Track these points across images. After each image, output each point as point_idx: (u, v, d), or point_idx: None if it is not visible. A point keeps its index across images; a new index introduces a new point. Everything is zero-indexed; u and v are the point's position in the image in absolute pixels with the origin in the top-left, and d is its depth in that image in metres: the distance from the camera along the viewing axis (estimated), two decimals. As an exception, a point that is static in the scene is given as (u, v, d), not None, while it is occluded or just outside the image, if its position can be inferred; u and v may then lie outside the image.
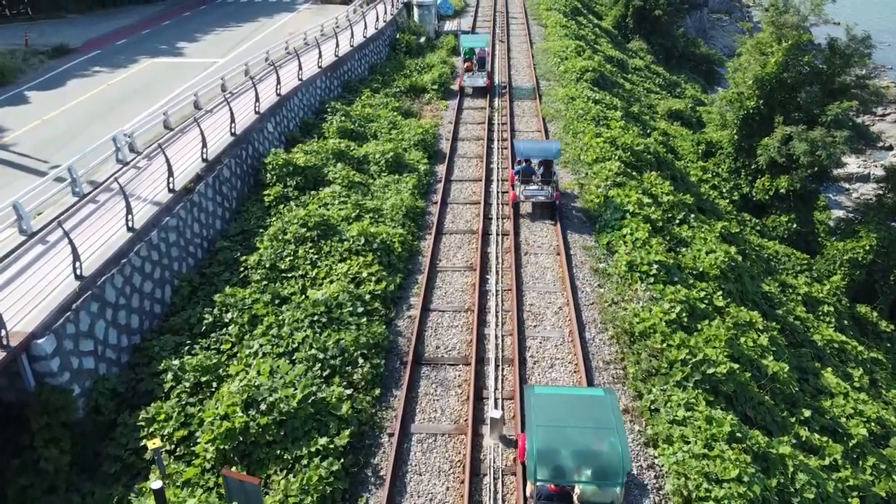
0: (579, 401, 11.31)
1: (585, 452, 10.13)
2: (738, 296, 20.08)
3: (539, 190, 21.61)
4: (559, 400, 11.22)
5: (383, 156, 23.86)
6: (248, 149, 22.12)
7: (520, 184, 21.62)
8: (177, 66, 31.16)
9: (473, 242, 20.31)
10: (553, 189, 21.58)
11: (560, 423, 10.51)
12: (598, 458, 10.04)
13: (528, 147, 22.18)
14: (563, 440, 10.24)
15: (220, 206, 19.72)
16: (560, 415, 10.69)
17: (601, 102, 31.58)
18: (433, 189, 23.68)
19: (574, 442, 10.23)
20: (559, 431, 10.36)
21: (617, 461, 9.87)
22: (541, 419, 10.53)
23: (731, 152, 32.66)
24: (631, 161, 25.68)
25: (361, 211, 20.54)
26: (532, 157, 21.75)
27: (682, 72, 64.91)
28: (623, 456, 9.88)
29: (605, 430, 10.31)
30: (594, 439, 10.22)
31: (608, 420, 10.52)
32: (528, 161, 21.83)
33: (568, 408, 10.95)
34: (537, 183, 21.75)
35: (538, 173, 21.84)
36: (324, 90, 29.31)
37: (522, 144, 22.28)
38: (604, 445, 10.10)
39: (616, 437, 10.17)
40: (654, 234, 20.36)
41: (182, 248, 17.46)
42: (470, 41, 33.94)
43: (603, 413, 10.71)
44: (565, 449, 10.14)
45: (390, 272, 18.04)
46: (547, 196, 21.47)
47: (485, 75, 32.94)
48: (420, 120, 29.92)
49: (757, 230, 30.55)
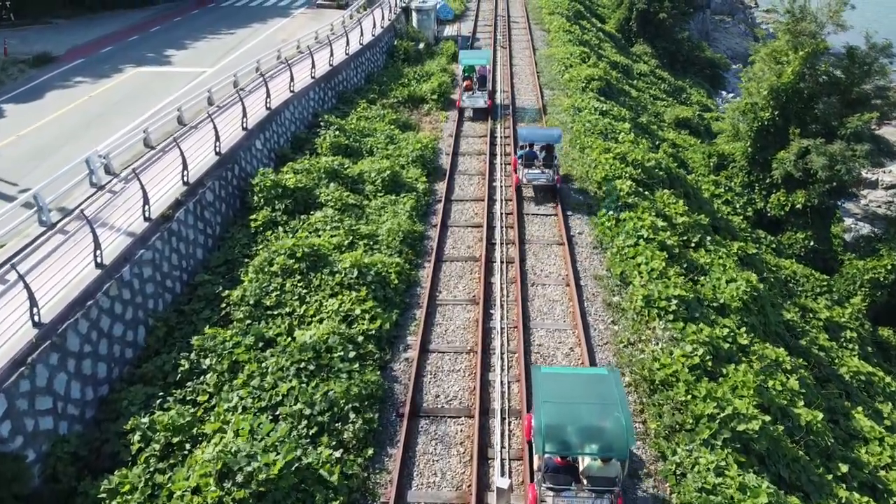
0: (584, 379, 11.95)
1: (591, 427, 10.59)
2: (760, 329, 18.64)
3: (541, 174, 22.48)
4: (565, 378, 11.84)
5: (379, 174, 22.38)
6: (233, 169, 20.65)
7: (522, 168, 22.54)
8: (163, 76, 29.69)
9: (476, 271, 18.85)
10: (554, 173, 22.56)
11: (566, 399, 11.01)
12: (604, 432, 10.51)
13: (531, 133, 23.59)
14: (570, 415, 10.72)
15: (201, 233, 18.25)
16: (566, 392, 11.22)
17: (609, 114, 30.12)
18: (432, 210, 22.21)
19: (580, 417, 10.71)
20: (565, 407, 10.84)
21: (621, 435, 10.36)
22: (547, 396, 11.04)
23: (745, 165, 31.22)
24: (642, 178, 24.23)
25: (355, 237, 19.08)
26: (534, 141, 22.95)
27: (687, 76, 63.55)
28: (627, 430, 10.38)
29: (610, 406, 10.80)
30: (599, 414, 10.71)
31: (612, 397, 11.03)
32: (530, 146, 22.95)
33: (573, 385, 11.52)
34: (539, 167, 22.56)
35: (540, 157, 22.76)
36: (317, 102, 27.84)
37: (525, 130, 23.61)
38: (609, 420, 10.58)
39: (620, 412, 10.65)
40: (670, 262, 18.93)
41: (158, 283, 15.99)
42: (470, 58, 30.79)
43: (607, 390, 11.23)
44: (572, 423, 10.61)
45: (386, 308, 16.57)
46: (548, 179, 22.45)
47: (486, 94, 29.98)
48: (419, 133, 28.45)
49: (772, 248, 29.11)
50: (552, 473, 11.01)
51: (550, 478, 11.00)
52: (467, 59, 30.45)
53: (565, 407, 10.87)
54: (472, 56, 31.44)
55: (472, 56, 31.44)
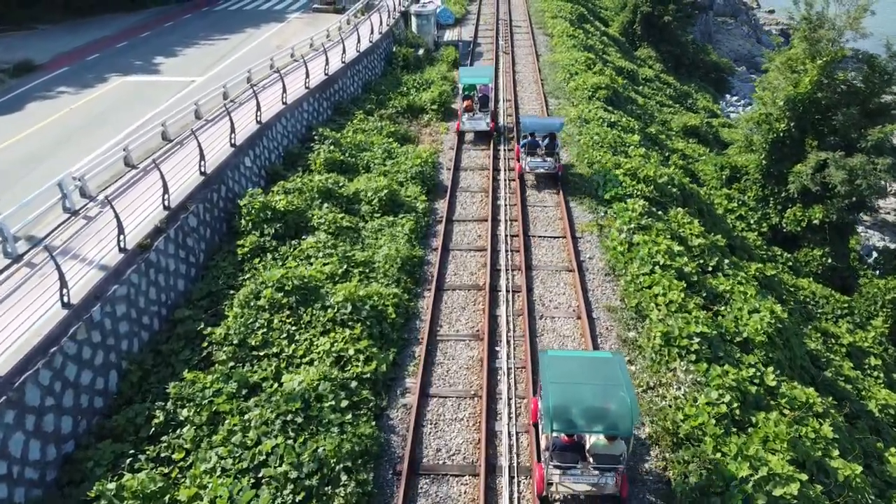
0: (590, 361, 12.14)
1: (597, 406, 10.84)
2: (786, 364, 17.30)
3: (542, 162, 23.31)
4: (571, 361, 12.10)
5: (376, 194, 21.03)
6: (220, 190, 19.30)
7: (525, 156, 23.42)
8: (150, 86, 28.34)
9: (480, 301, 17.50)
10: (556, 161, 23.37)
11: (573, 380, 11.26)
12: (609, 411, 10.75)
13: (533, 122, 24.41)
14: (577, 395, 10.95)
15: (183, 262, 16.90)
16: (573, 373, 11.46)
17: (617, 125, 28.78)
18: (433, 231, 20.87)
19: (586, 397, 10.96)
20: (572, 388, 11.07)
21: (626, 414, 10.60)
22: (555, 377, 11.30)
23: (759, 178, 29.87)
24: (654, 196, 22.90)
25: (350, 265, 17.74)
26: (536, 130, 23.80)
27: (692, 80, 62.31)
28: (632, 410, 10.63)
29: (615, 387, 11.05)
30: (605, 395, 10.96)
31: (617, 378, 11.30)
32: (532, 135, 23.74)
33: (580, 367, 11.75)
34: (541, 155, 23.39)
35: (542, 146, 23.59)
36: (311, 114, 26.49)
37: (528, 120, 24.66)
38: (614, 400, 10.82)
39: (625, 392, 10.91)
40: (688, 291, 17.59)
41: (133, 321, 14.64)
42: (470, 76, 27.77)
43: (612, 372, 11.48)
44: (578, 403, 10.85)
45: (383, 345, 15.24)
46: (550, 167, 23.32)
47: (488, 116, 27.08)
48: (418, 146, 27.11)
49: (789, 266, 27.76)
50: (559, 452, 11.31)
51: (557, 456, 11.29)
52: (468, 78, 27.52)
53: (572, 387, 11.12)
54: (473, 74, 28.45)
55: (473, 74, 28.45)
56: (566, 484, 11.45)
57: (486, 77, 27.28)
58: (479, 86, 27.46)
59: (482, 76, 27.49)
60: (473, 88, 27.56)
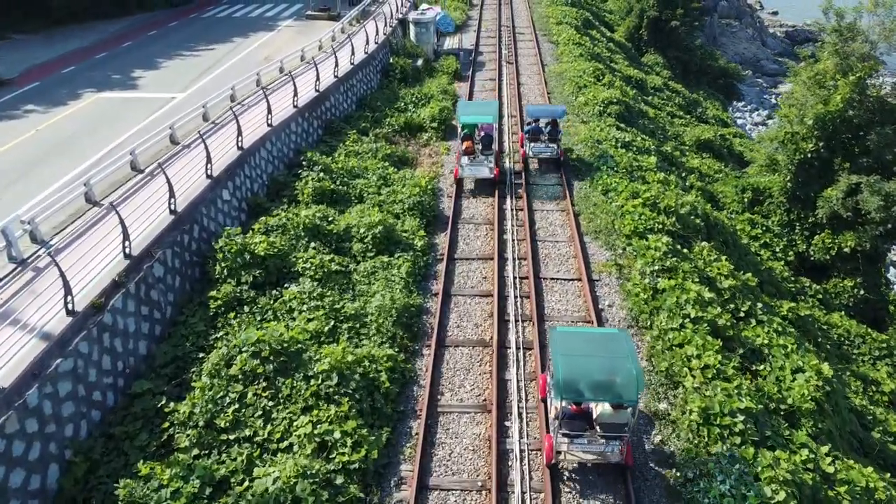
0: (597, 337, 12.77)
1: (604, 376, 11.36)
2: (836, 434, 15.16)
3: (546, 147, 24.16)
4: (580, 336, 12.79)
5: (370, 230, 18.85)
6: (192, 230, 17.12)
7: (529, 142, 24.24)
8: (126, 104, 26.15)
9: (486, 361, 15.34)
10: (558, 147, 24.16)
11: (581, 353, 11.81)
12: (615, 380, 11.26)
13: (536, 109, 25.11)
14: (585, 366, 11.50)
15: (146, 319, 14.72)
16: (581, 347, 12.02)
17: (631, 146, 26.62)
18: (433, 272, 18.71)
19: (593, 368, 11.49)
20: (580, 359, 11.63)
21: (632, 383, 11.14)
22: (564, 350, 11.79)
23: (783, 202, 27.72)
24: (677, 230, 20.75)
25: (338, 320, 15.56)
26: (540, 117, 24.43)
27: (700, 87, 60.28)
28: (637, 379, 11.16)
29: (622, 359, 11.59)
30: (611, 365, 11.50)
31: (623, 352, 11.83)
32: (536, 121, 24.44)
33: (588, 342, 12.33)
34: (544, 141, 24.20)
35: (545, 132, 24.29)
36: (300, 135, 24.30)
37: (531, 107, 25.44)
38: (620, 370, 11.36)
39: (631, 364, 11.44)
40: (724, 350, 15.43)
41: (81, 399, 12.47)
42: (470, 113, 23.30)
43: (619, 346, 12.01)
44: (586, 373, 11.38)
45: (374, 423, 13.10)
46: (552, 153, 24.18)
47: (492, 159, 22.92)
48: (416, 170, 24.95)
49: (818, 299, 25.61)
50: (568, 420, 11.81)
51: (566, 424, 11.81)
52: (468, 116, 23.11)
53: (580, 359, 11.67)
54: (474, 110, 23.91)
55: (474, 110, 23.91)
56: (574, 452, 12.00)
57: (489, 115, 23.03)
58: (482, 124, 23.46)
59: (485, 114, 23.20)
60: (475, 128, 23.66)
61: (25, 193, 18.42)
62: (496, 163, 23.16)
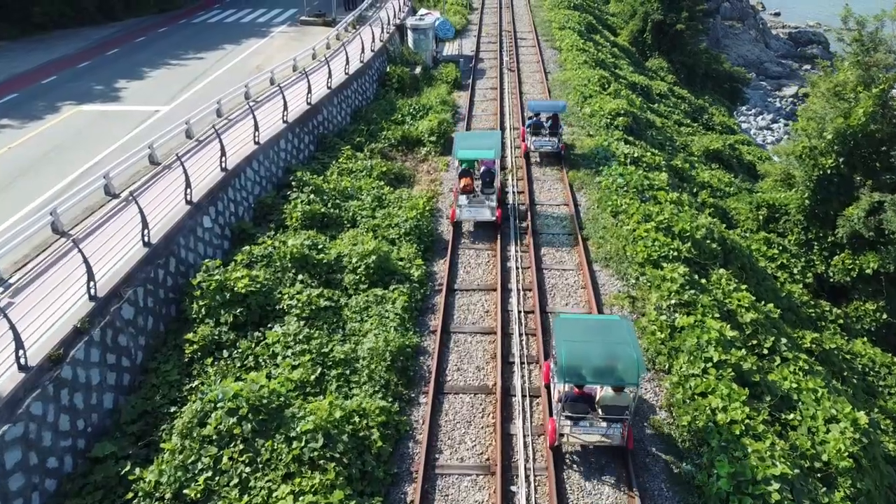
0: (600, 323, 13.21)
1: (606, 360, 11.84)
2: (875, 492, 13.76)
3: (547, 141, 24.77)
4: (582, 322, 13.31)
5: (363, 260, 17.42)
6: (168, 263, 15.70)
7: (530, 136, 24.82)
8: (108, 118, 24.73)
9: (489, 411, 13.93)
10: (559, 141, 24.79)
11: (584, 338, 12.29)
12: (617, 364, 11.77)
13: (538, 104, 25.73)
14: (587, 351, 11.98)
15: (113, 368, 13.30)
16: (584, 333, 12.51)
17: (641, 161, 25.20)
18: (430, 305, 17.29)
19: (596, 352, 11.96)
20: (583, 344, 12.10)
21: (633, 367, 11.65)
22: (567, 336, 12.26)
23: (801, 220, 26.29)
24: (693, 256, 19.34)
25: (326, 366, 14.15)
26: (541, 111, 25.15)
27: (706, 92, 58.93)
28: (638, 362, 11.68)
29: (623, 345, 12.07)
30: (613, 350, 11.97)
31: (624, 337, 12.31)
32: (537, 115, 25.23)
33: (590, 328, 12.80)
34: (545, 135, 24.78)
35: (546, 126, 24.93)
36: (290, 153, 22.88)
37: (533, 102, 26.04)
38: (621, 355, 11.85)
39: (632, 349, 11.94)
40: (750, 398, 14.03)
41: (33, 469, 11.05)
42: (469, 146, 20.53)
43: (620, 332, 12.48)
44: (589, 357, 11.87)
45: (365, 490, 11.68)
46: (553, 146, 24.78)
47: (494, 199, 20.12)
48: (414, 188, 23.56)
49: (839, 324, 24.19)
50: (571, 402, 12.11)
51: (569, 406, 12.10)
52: (466, 151, 20.26)
53: (583, 344, 12.07)
54: (474, 144, 20.76)
55: (474, 144, 20.76)
56: (577, 435, 12.26)
57: (490, 149, 20.29)
58: (482, 160, 20.73)
59: (486, 148, 20.34)
60: (473, 165, 20.98)
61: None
62: (499, 202, 20.53)
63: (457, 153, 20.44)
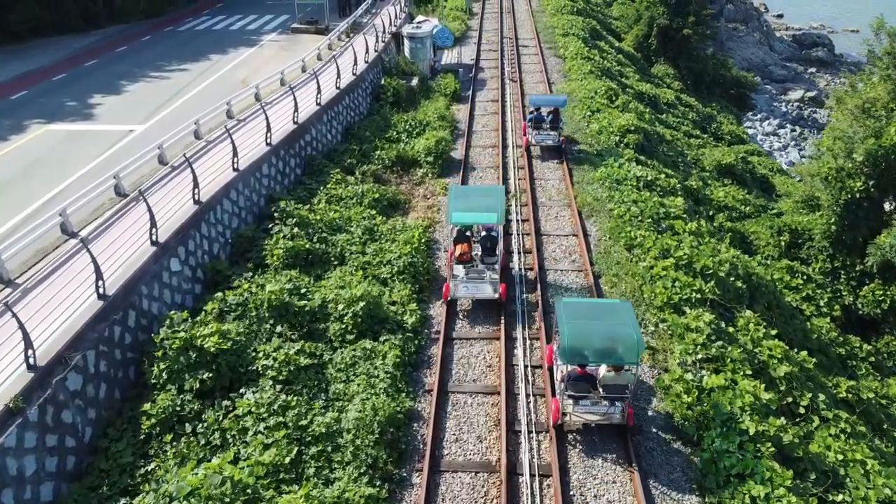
0: (601, 306, 14.11)
1: (607, 340, 12.36)
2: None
3: (547, 135, 25.16)
4: (584, 305, 14.10)
5: (350, 307, 15.52)
6: (127, 318, 13.81)
7: (532, 130, 25.25)
8: (77, 138, 22.86)
9: (493, 495, 12.03)
10: (559, 135, 25.24)
11: (586, 320, 12.82)
12: (617, 344, 12.23)
13: (539, 98, 26.35)
14: (589, 332, 12.46)
15: (54, 453, 11.40)
16: (586, 315, 13.06)
17: (655, 185, 23.31)
18: (426, 358, 15.40)
19: (598, 333, 12.48)
20: (586, 325, 12.59)
21: (633, 346, 12.07)
22: (570, 318, 12.67)
23: (826, 247, 24.41)
24: (717, 297, 17.45)
25: (303, 443, 12.26)
26: (542, 105, 25.50)
27: (713, 98, 57.17)
28: (637, 342, 12.07)
29: (623, 326, 12.52)
30: (614, 332, 12.45)
31: (625, 319, 12.78)
32: (538, 110, 25.46)
33: (592, 310, 13.51)
34: (546, 129, 25.19)
35: (547, 121, 25.32)
36: (274, 178, 20.99)
37: (534, 96, 26.75)
38: (622, 335, 12.30)
39: (632, 330, 12.37)
40: (796, 477, 12.15)
41: None
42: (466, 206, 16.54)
43: (621, 315, 12.99)
44: (591, 338, 12.37)
45: None
46: (554, 140, 25.17)
47: (497, 269, 16.64)
48: (409, 215, 21.67)
49: (870, 362, 22.30)
50: (573, 382, 12.58)
51: (572, 386, 12.56)
52: (463, 213, 16.27)
53: (585, 325, 12.59)
54: (472, 204, 16.60)
55: (472, 204, 16.60)
56: (579, 413, 12.61)
57: (492, 212, 16.30)
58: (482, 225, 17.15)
59: (487, 209, 16.33)
60: (470, 230, 17.42)
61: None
62: (502, 274, 16.90)
63: (451, 216, 16.19)
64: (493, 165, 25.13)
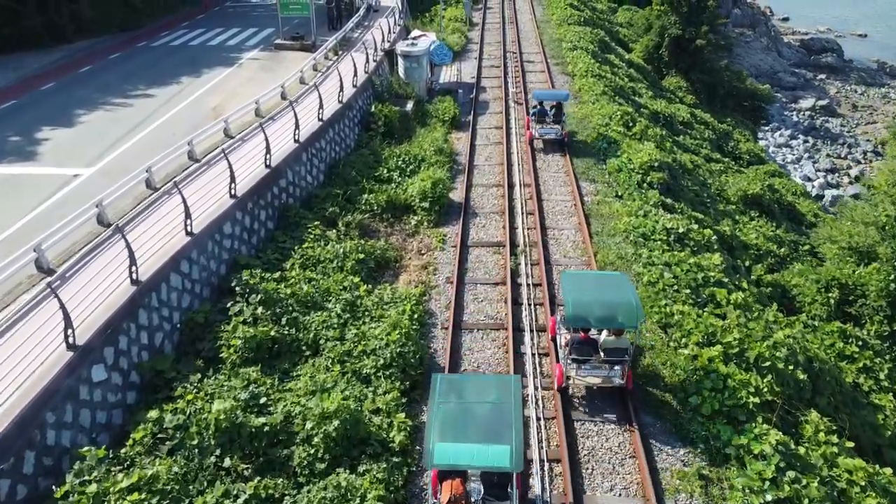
0: (602, 277, 15.08)
1: (608, 307, 13.08)
2: None
3: (550, 129, 25.65)
4: (586, 276, 15.18)
5: (320, 426, 12.17)
6: (22, 463, 10.45)
7: (535, 124, 25.79)
8: (10, 185, 19.50)
9: None
10: (562, 129, 25.58)
11: (588, 288, 13.70)
12: (618, 309, 12.99)
13: (542, 92, 26.81)
14: (591, 298, 13.25)
15: None
16: (588, 284, 14.03)
17: (687, 240, 20.00)
18: (416, 491, 12.06)
19: (599, 300, 13.23)
20: (588, 293, 13.45)
21: (633, 311, 12.90)
22: (573, 288, 13.61)
23: (884, 307, 21.11)
24: (776, 396, 14.13)
25: None
26: (545, 100, 26.03)
27: (727, 112, 53.99)
28: (637, 308, 12.97)
29: (624, 293, 13.41)
30: (615, 298, 13.25)
31: (626, 287, 13.72)
32: (541, 104, 26.01)
33: (593, 281, 14.47)
34: (549, 124, 25.65)
35: (550, 115, 25.72)
36: (238, 238, 17.65)
37: (537, 91, 27.24)
38: (622, 302, 13.14)
39: (631, 297, 13.29)
40: None
41: None
42: (458, 436, 10.06)
43: (621, 285, 13.86)
44: (593, 304, 13.11)
45: None
46: (556, 134, 25.64)
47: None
48: (399, 280, 18.37)
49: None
50: (577, 346, 13.42)
51: (575, 350, 13.39)
52: (451, 449, 9.85)
53: (587, 293, 13.44)
54: (467, 432, 10.17)
55: (467, 432, 10.17)
56: (581, 377, 13.53)
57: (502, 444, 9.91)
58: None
59: (488, 441, 9.97)
60: None
61: None
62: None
63: (433, 456, 9.78)
64: (498, 210, 21.85)
